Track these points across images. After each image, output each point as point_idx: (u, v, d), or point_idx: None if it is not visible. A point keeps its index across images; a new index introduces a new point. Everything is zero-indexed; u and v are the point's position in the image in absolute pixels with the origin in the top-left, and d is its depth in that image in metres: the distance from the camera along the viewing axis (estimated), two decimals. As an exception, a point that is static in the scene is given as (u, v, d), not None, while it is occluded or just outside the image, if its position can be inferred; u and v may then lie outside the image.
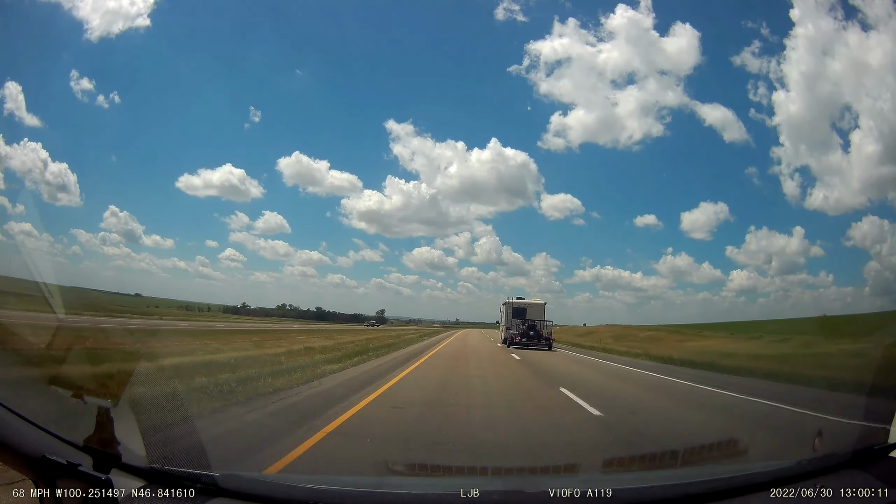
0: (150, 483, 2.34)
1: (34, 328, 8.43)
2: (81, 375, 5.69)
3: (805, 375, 13.42)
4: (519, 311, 30.61)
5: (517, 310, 30.73)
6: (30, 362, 5.08)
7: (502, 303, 33.53)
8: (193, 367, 9.51)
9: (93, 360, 6.94)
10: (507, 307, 31.71)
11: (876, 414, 5.06)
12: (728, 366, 17.08)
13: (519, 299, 32.45)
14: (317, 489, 2.60)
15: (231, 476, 2.49)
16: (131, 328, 25.60)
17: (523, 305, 31.27)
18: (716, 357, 20.22)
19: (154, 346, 15.71)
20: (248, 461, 4.28)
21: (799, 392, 11.01)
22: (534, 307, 31.11)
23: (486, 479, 3.75)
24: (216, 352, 14.23)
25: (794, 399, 9.59)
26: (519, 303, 31.78)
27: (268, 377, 9.10)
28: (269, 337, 28.37)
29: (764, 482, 2.50)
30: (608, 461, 4.19)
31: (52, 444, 2.09)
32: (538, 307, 31.24)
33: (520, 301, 32.08)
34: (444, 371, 13.67)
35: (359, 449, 5.06)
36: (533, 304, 31.75)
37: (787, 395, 10.20)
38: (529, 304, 31.68)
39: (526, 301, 32.25)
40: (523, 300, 32.44)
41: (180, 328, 34.02)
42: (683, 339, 39.04)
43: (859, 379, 9.55)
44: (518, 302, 31.91)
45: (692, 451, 4.60)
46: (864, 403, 7.24)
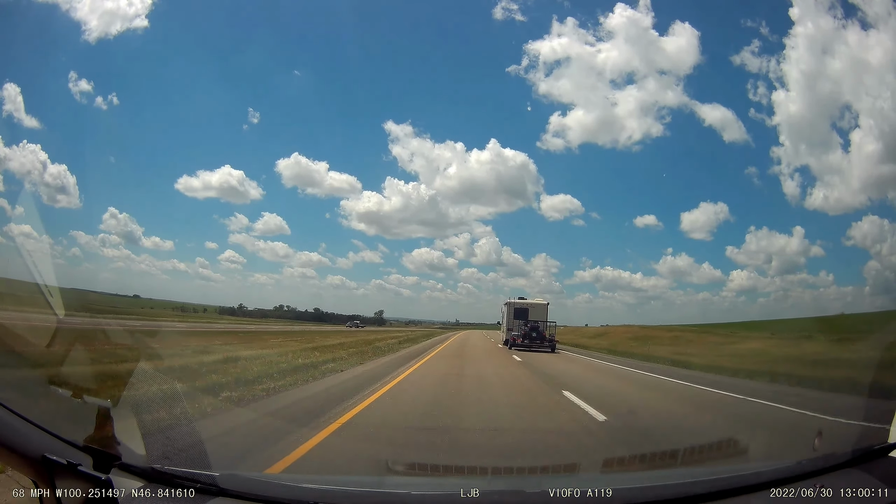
0: (150, 483, 2.35)
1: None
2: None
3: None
4: (521, 311, 29.73)
5: (519, 310, 29.89)
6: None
7: (504, 303, 32.73)
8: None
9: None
10: (508, 307, 30.90)
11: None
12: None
13: (521, 299, 31.50)
14: (317, 489, 2.60)
15: (231, 476, 2.50)
16: (106, 328, 21.07)
17: (525, 306, 30.34)
18: (808, 367, 15.52)
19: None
20: None
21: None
22: (536, 307, 30.13)
23: (486, 479, 3.75)
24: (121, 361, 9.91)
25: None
26: (521, 303, 30.87)
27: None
28: (236, 339, 24.59)
29: (764, 482, 2.51)
30: (608, 461, 4.18)
31: (52, 444, 2.09)
32: (540, 307, 30.26)
33: (522, 301, 31.17)
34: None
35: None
36: (535, 304, 30.80)
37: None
38: (532, 304, 30.71)
39: (528, 301, 31.29)
40: (525, 300, 31.52)
41: (139, 328, 25.48)
42: (722, 341, 33.43)
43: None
44: (520, 302, 30.99)
45: (692, 450, 4.60)
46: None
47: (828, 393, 11.02)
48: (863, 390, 9.14)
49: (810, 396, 10.49)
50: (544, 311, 30.02)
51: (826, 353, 19.52)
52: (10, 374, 4.60)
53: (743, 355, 22.74)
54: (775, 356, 20.84)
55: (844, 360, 16.31)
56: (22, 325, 8.46)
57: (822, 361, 16.90)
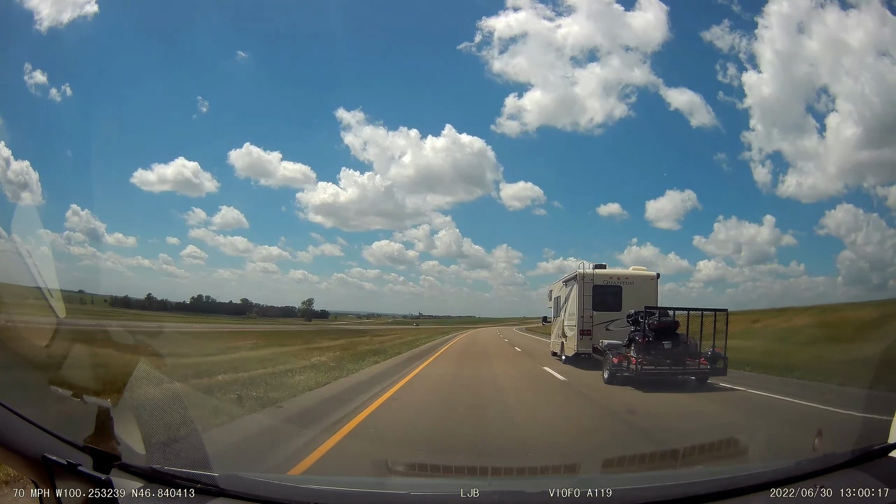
0: (151, 483, 2.35)
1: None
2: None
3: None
4: (607, 292, 15.28)
5: (604, 289, 15.28)
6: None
7: (562, 280, 18.37)
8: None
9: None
10: (579, 286, 15.37)
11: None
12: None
13: (600, 268, 15.81)
14: (317, 489, 2.60)
15: (231, 476, 2.50)
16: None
17: (616, 281, 15.45)
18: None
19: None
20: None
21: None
22: (637, 283, 15.31)
23: (486, 479, 3.75)
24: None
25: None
26: (605, 275, 15.59)
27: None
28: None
29: (764, 482, 2.51)
30: (608, 461, 4.18)
31: (52, 444, 2.09)
32: (646, 283, 15.35)
33: (606, 273, 15.71)
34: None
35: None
36: (636, 276, 15.73)
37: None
38: (629, 276, 15.74)
39: (619, 272, 16.09)
40: (612, 271, 16.07)
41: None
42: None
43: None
44: (603, 274, 15.61)
45: (692, 450, 4.60)
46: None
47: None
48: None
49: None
50: (653, 289, 15.24)
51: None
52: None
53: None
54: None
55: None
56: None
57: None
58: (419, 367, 15.13)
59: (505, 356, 21.92)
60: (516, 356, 21.88)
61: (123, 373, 6.35)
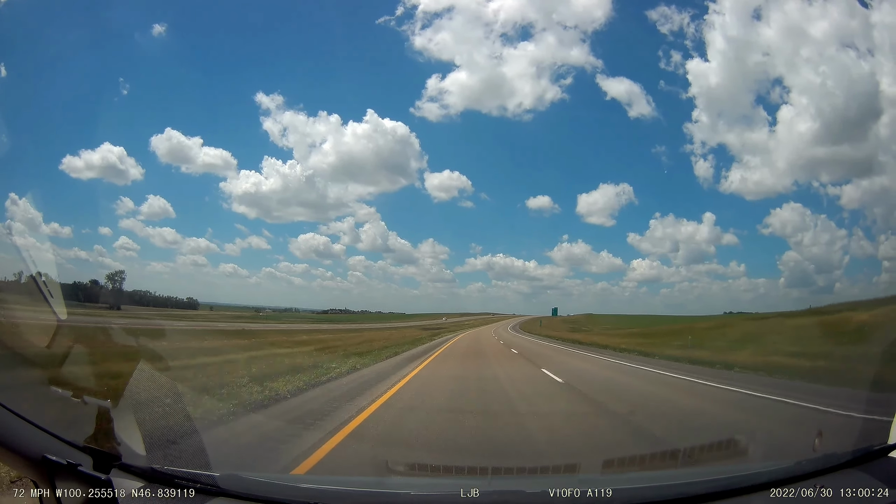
0: (150, 483, 2.35)
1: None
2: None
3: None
4: None
5: None
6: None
7: None
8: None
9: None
10: None
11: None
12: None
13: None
14: (317, 489, 2.60)
15: (231, 476, 2.49)
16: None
17: None
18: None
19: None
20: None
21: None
22: None
23: (486, 479, 3.74)
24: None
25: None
26: None
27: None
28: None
29: (764, 482, 2.50)
30: (608, 461, 4.17)
31: (52, 444, 2.09)
32: None
33: None
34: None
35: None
36: None
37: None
38: None
39: None
40: None
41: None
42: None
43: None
44: None
45: (692, 450, 4.59)
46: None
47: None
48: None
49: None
50: None
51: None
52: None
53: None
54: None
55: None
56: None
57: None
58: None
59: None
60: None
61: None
